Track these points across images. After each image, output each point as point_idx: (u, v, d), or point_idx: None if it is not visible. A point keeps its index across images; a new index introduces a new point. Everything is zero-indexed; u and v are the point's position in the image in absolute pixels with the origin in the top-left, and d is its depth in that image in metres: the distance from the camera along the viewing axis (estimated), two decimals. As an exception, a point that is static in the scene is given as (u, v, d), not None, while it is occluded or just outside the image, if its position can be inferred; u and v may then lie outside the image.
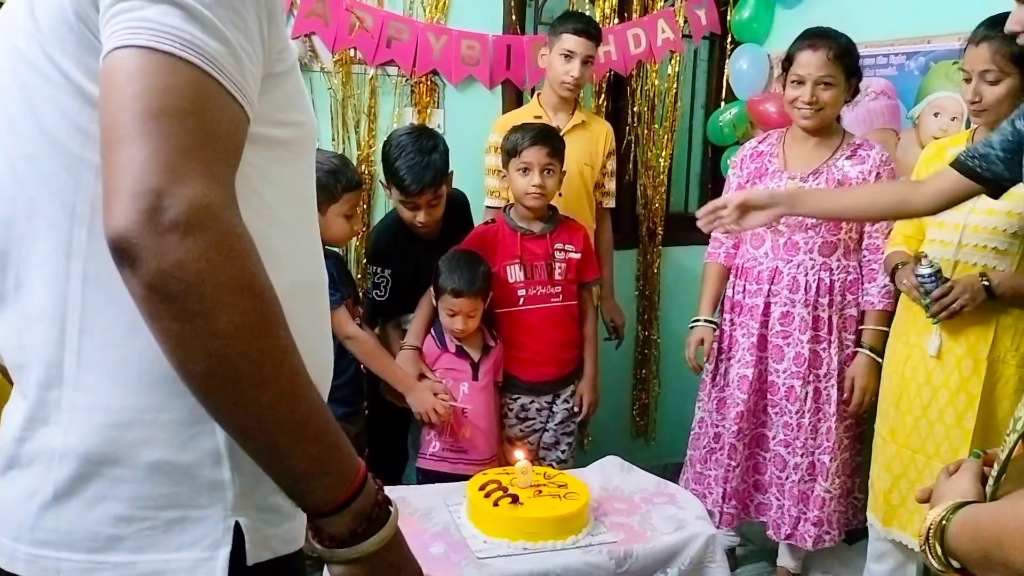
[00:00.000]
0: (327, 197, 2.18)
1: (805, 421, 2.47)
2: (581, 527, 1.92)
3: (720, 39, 3.37)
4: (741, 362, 2.54)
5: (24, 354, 0.82)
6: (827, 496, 2.48)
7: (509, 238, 2.46)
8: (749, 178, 2.56)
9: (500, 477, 2.01)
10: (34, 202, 0.79)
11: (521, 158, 2.37)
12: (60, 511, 0.78)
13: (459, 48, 2.83)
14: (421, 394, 2.34)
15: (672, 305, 3.38)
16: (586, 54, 2.62)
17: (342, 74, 2.70)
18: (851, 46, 2.38)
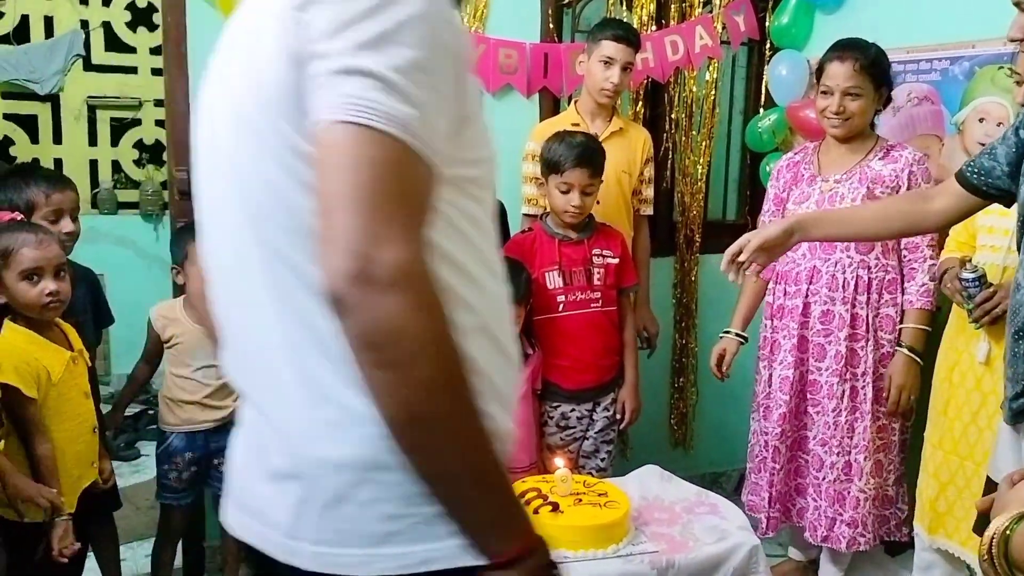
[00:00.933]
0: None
1: (842, 420, 2.46)
2: (622, 536, 1.91)
3: (759, 45, 3.34)
4: (783, 364, 2.54)
5: (265, 378, 0.95)
6: (861, 496, 2.46)
7: (547, 245, 2.46)
8: (785, 188, 2.59)
9: (540, 485, 2.01)
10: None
11: (563, 177, 2.37)
12: (338, 513, 0.89)
13: (497, 56, 2.84)
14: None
15: (710, 313, 3.35)
16: (625, 60, 2.61)
17: (381, 83, 2.72)
18: (880, 56, 2.39)
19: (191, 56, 2.51)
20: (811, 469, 2.55)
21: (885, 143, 2.48)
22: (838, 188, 2.44)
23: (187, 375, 2.39)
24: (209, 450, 2.45)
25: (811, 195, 2.49)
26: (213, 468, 2.48)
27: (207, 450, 2.45)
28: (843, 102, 2.37)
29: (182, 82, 2.53)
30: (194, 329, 2.37)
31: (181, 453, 2.42)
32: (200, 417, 2.41)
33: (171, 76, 2.55)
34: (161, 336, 2.40)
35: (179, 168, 2.58)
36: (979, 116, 2.57)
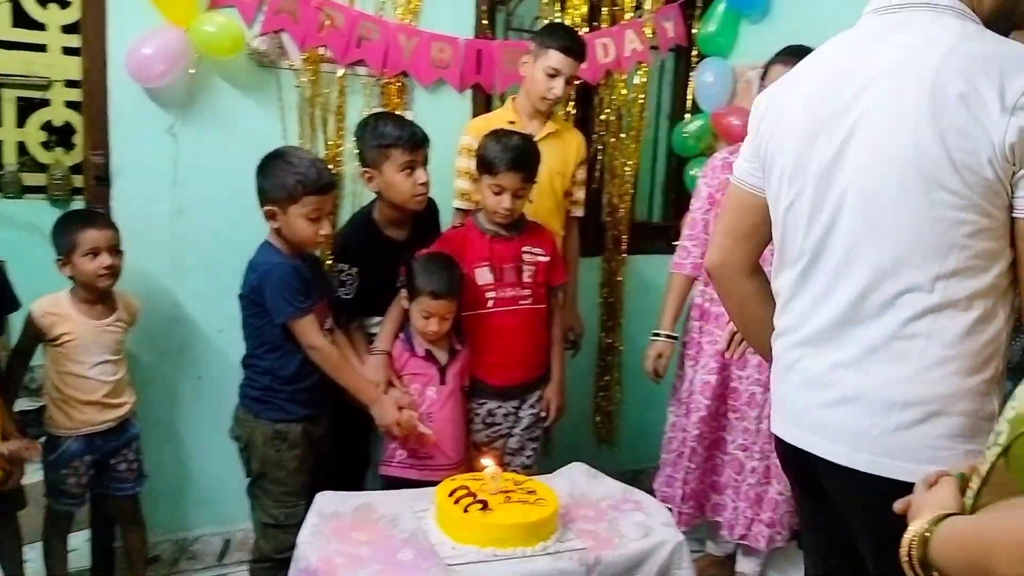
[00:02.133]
0: (288, 197, 2.16)
1: (764, 427, 2.52)
2: (550, 533, 1.91)
3: (686, 51, 3.41)
4: (705, 368, 2.59)
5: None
6: (779, 498, 2.54)
7: (478, 241, 2.45)
8: (719, 187, 2.60)
9: (469, 483, 2.00)
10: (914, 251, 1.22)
11: (496, 179, 2.35)
12: (901, 437, 1.24)
13: (430, 50, 2.82)
14: (384, 407, 2.31)
15: (635, 313, 3.40)
16: (571, 74, 2.61)
17: (311, 72, 2.67)
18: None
19: (111, 37, 2.41)
20: (730, 471, 2.61)
21: None
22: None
23: (82, 373, 2.25)
24: (107, 451, 2.34)
25: None
26: (110, 468, 2.37)
27: (105, 451, 2.33)
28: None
29: (100, 64, 2.43)
30: (87, 323, 2.25)
31: (79, 457, 2.28)
32: (99, 418, 2.29)
33: (89, 57, 2.44)
34: (47, 334, 2.22)
35: (95, 152, 2.47)
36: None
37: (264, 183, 2.22)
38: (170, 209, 2.56)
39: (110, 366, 2.30)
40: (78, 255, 2.21)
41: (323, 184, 2.21)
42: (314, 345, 2.23)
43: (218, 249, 2.62)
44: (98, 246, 2.22)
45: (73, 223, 2.25)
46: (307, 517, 1.96)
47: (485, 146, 2.39)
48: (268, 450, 2.26)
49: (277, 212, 2.20)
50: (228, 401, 2.43)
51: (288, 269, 2.20)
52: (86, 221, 2.26)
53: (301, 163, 2.19)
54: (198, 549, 2.78)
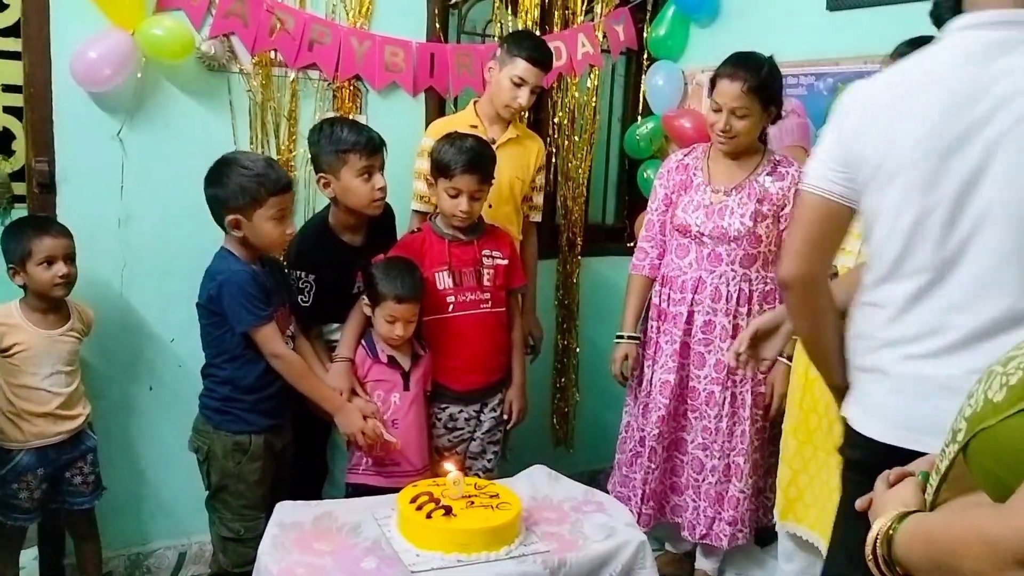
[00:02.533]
0: (251, 201, 2.12)
1: (723, 425, 2.55)
2: (514, 537, 1.91)
3: (637, 55, 3.44)
4: (664, 368, 2.61)
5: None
6: (741, 496, 2.58)
7: (437, 245, 2.44)
8: (674, 189, 2.64)
9: (431, 489, 1.99)
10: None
11: (452, 182, 2.34)
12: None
13: (382, 54, 2.80)
14: (349, 415, 2.29)
15: (591, 314, 3.42)
16: (536, 84, 2.61)
17: (262, 76, 2.63)
18: (770, 77, 2.45)
19: (54, 39, 2.34)
20: (690, 471, 2.63)
21: (772, 157, 2.58)
22: (727, 201, 2.52)
23: (34, 385, 2.19)
24: (61, 463, 2.28)
25: (701, 204, 2.55)
26: (65, 482, 2.31)
27: (58, 464, 2.27)
28: (730, 120, 2.44)
29: (43, 68, 2.37)
30: (40, 333, 2.19)
31: (32, 470, 2.21)
32: (52, 430, 2.23)
33: (31, 61, 2.38)
34: (1, 342, 2.17)
35: (39, 159, 2.40)
36: (841, 130, 2.73)
37: (219, 192, 2.15)
38: (118, 216, 2.50)
39: (63, 377, 2.24)
40: (32, 264, 2.15)
41: (284, 183, 2.18)
42: (276, 353, 2.19)
43: (169, 256, 2.57)
44: (54, 255, 2.17)
45: (27, 230, 2.19)
46: (267, 528, 1.92)
47: (439, 149, 2.38)
48: (228, 463, 2.20)
49: (241, 220, 2.14)
50: (182, 411, 2.38)
51: (247, 277, 2.16)
52: (42, 229, 2.20)
53: (257, 165, 2.14)
54: (152, 563, 2.72)
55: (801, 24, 2.91)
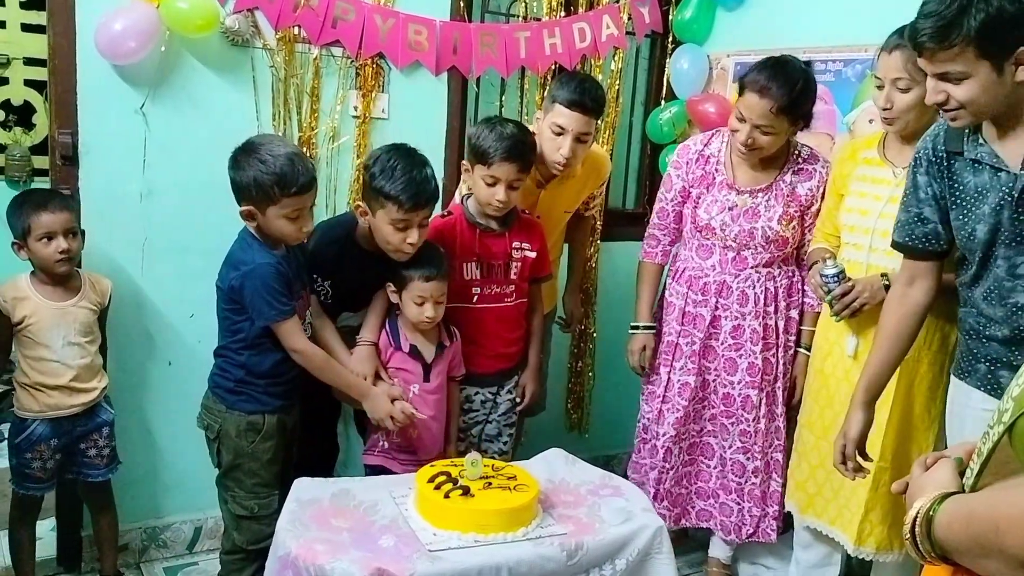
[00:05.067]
0: (265, 198, 2.06)
1: (761, 426, 2.53)
2: (531, 519, 1.92)
3: (662, 38, 3.41)
4: (684, 369, 2.57)
5: None
6: (779, 491, 2.58)
7: (468, 234, 2.39)
8: (693, 183, 2.54)
9: (449, 469, 1.99)
10: None
11: (490, 170, 2.27)
12: None
13: (406, 32, 2.78)
14: (377, 400, 2.24)
15: (609, 300, 3.40)
16: (580, 132, 2.37)
17: (285, 52, 2.61)
18: (802, 94, 2.30)
19: (79, 12, 2.33)
20: (730, 475, 2.60)
21: (798, 153, 2.49)
22: (753, 204, 2.45)
23: (48, 357, 2.20)
24: (75, 435, 2.29)
25: (725, 206, 2.47)
26: (80, 454, 2.32)
27: (73, 436, 2.29)
28: (753, 134, 2.32)
29: (68, 39, 2.35)
30: (49, 305, 2.20)
31: (46, 441, 2.23)
32: (67, 403, 2.24)
33: (55, 32, 2.36)
34: (12, 318, 2.17)
35: (62, 131, 2.39)
36: (868, 117, 2.68)
37: (238, 178, 2.09)
38: (139, 190, 2.50)
39: (78, 348, 2.25)
40: (33, 239, 2.15)
41: (302, 184, 2.07)
42: (297, 349, 2.14)
43: (189, 232, 2.57)
44: (53, 230, 2.15)
45: (27, 206, 2.17)
46: (285, 503, 1.93)
47: (478, 135, 2.30)
48: (242, 442, 2.19)
49: (255, 212, 2.09)
50: (200, 387, 2.38)
51: (271, 270, 2.09)
52: (40, 204, 2.17)
53: (277, 161, 2.03)
54: (168, 537, 2.74)
55: (829, 9, 2.86)
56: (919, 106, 2.04)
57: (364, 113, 2.78)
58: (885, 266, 2.16)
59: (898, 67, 2.05)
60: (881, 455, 2.19)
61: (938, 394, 2.17)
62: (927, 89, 1.70)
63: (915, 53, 1.99)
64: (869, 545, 2.25)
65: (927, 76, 1.85)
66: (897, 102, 2.07)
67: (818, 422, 2.35)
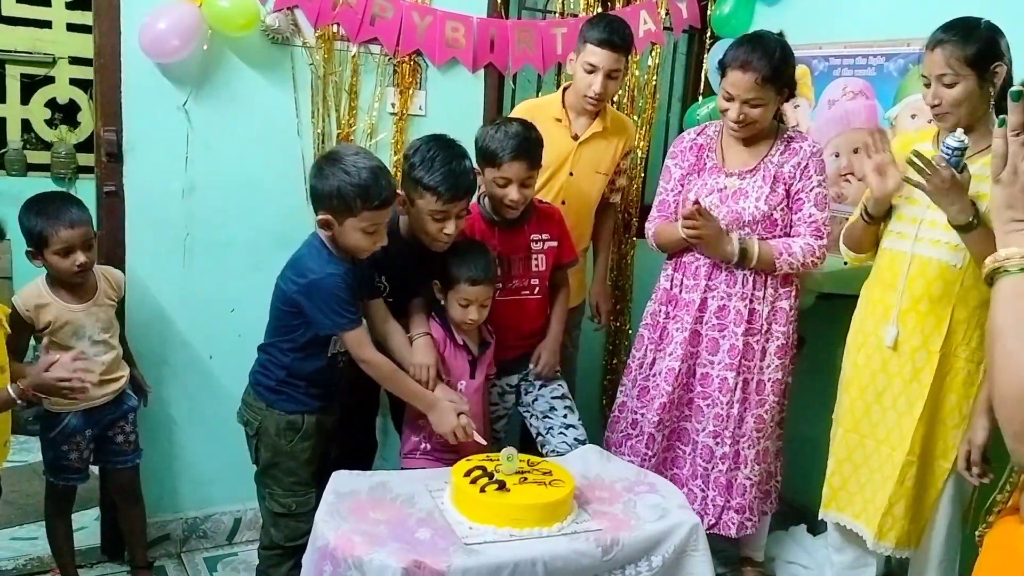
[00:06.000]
0: (344, 209, 2.02)
1: (734, 411, 2.50)
2: (566, 514, 1.92)
3: (700, 33, 3.39)
4: (671, 355, 2.54)
5: None
6: (747, 484, 2.53)
7: (486, 231, 2.40)
8: (689, 171, 2.56)
9: (484, 463, 2.00)
10: None
11: (500, 172, 2.28)
12: None
13: (443, 29, 2.79)
14: (443, 414, 2.19)
15: (643, 296, 3.34)
16: (611, 68, 2.51)
17: (324, 50, 2.64)
18: (783, 62, 2.34)
19: (124, 11, 2.38)
20: (699, 459, 2.56)
21: (785, 132, 2.50)
22: (742, 185, 2.45)
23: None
24: (105, 423, 2.35)
25: (714, 188, 2.48)
26: (109, 441, 2.38)
27: (103, 424, 2.35)
28: (744, 110, 2.35)
29: (113, 38, 2.40)
30: (71, 309, 2.22)
31: (80, 432, 2.29)
32: (98, 394, 2.28)
33: (101, 31, 2.41)
34: (36, 325, 2.19)
35: (107, 128, 2.44)
36: (911, 112, 2.66)
37: (319, 186, 2.05)
38: (182, 187, 2.54)
39: (103, 345, 2.29)
40: (50, 252, 2.14)
41: (384, 198, 2.04)
42: (364, 359, 2.13)
43: (231, 228, 2.61)
44: (72, 245, 2.14)
45: (44, 218, 2.14)
46: (324, 495, 1.95)
47: (485, 136, 2.31)
48: (280, 440, 2.20)
49: (332, 222, 2.05)
50: (241, 381, 2.41)
51: (339, 281, 2.06)
52: (58, 218, 2.13)
53: (361, 173, 2.01)
54: (209, 528, 2.78)
55: (870, 3, 2.83)
56: (969, 99, 2.03)
57: (401, 110, 2.80)
58: (931, 256, 2.14)
59: (941, 63, 2.04)
60: (911, 448, 2.17)
61: (972, 392, 2.15)
62: None
63: (958, 48, 1.99)
64: (889, 540, 2.22)
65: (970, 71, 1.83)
66: (945, 97, 2.06)
67: (848, 415, 2.33)
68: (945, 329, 2.13)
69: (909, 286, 2.17)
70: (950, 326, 2.13)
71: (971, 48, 2.00)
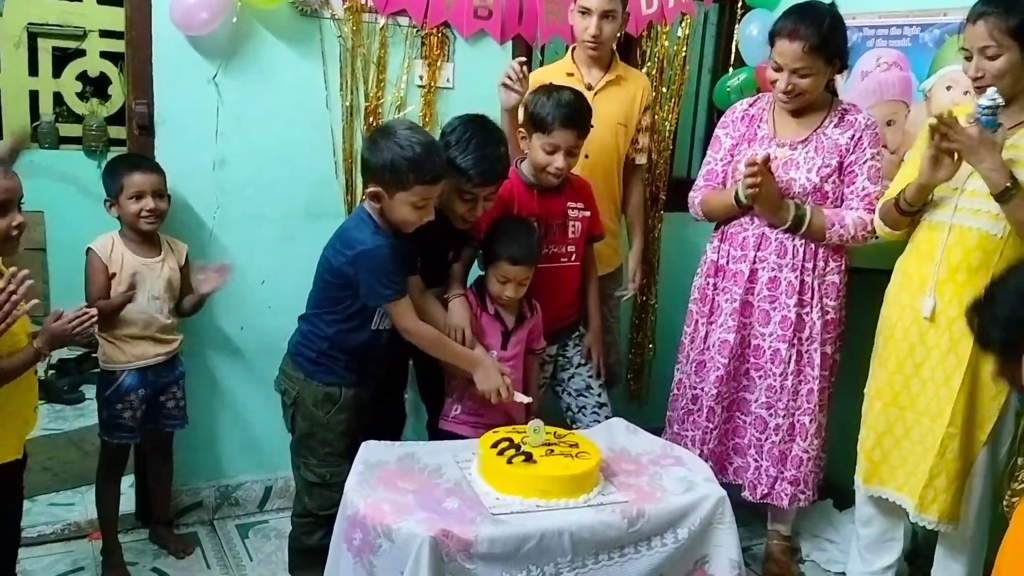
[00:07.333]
0: (396, 182, 2.04)
1: (788, 383, 2.50)
2: (592, 486, 1.93)
3: (731, 3, 3.34)
4: (723, 327, 2.55)
5: None
6: (804, 456, 2.54)
7: (526, 195, 2.41)
8: (739, 140, 2.56)
9: (512, 435, 2.01)
10: None
11: (549, 138, 2.29)
12: None
13: (471, 1, 2.78)
14: (488, 372, 2.21)
15: (671, 270, 3.37)
16: (603, 9, 2.54)
17: (352, 22, 2.64)
18: (832, 31, 2.31)
19: (155, -16, 2.39)
20: (752, 431, 2.59)
21: (840, 106, 2.48)
22: (793, 156, 2.44)
23: (135, 309, 2.33)
24: (158, 386, 2.42)
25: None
26: (160, 406, 2.45)
27: (156, 386, 2.41)
28: (792, 80, 2.34)
29: (143, 12, 2.41)
30: (137, 261, 2.33)
31: (135, 390, 2.36)
32: (152, 351, 2.38)
33: (132, 5, 2.43)
34: (109, 268, 2.31)
35: (138, 101, 2.47)
36: (947, 84, 2.61)
37: (372, 159, 2.07)
38: (213, 160, 2.57)
39: (158, 303, 2.38)
40: (124, 197, 2.30)
41: (436, 173, 2.06)
42: (408, 328, 2.15)
43: (260, 200, 2.64)
44: (143, 189, 2.30)
45: (120, 167, 2.33)
46: (353, 465, 1.98)
47: (535, 102, 2.32)
48: (318, 411, 2.23)
49: (381, 194, 2.07)
50: (270, 351, 2.45)
51: (386, 253, 2.08)
52: (133, 165, 2.34)
53: (415, 148, 2.02)
54: (240, 495, 2.84)
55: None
56: (1012, 71, 2.02)
57: (429, 82, 2.80)
58: (971, 226, 2.12)
59: (984, 35, 2.02)
60: (952, 420, 2.16)
61: None
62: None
63: (1000, 19, 1.96)
64: (931, 513, 2.21)
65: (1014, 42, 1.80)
66: (988, 69, 2.04)
67: (887, 388, 2.31)
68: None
69: (947, 256, 2.15)
70: None
71: (1014, 19, 1.98)
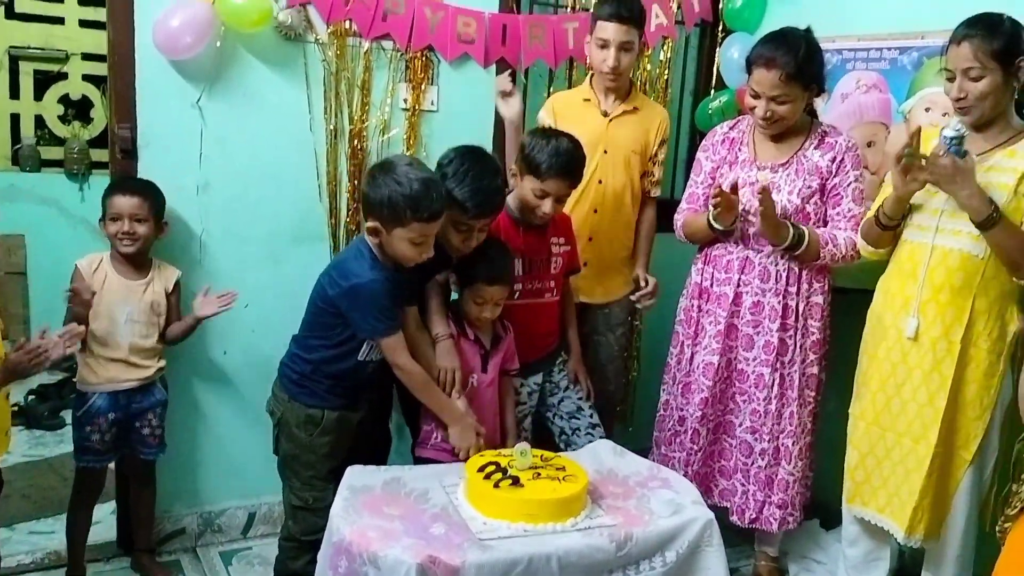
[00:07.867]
0: (394, 218, 2.04)
1: (772, 407, 2.52)
2: (580, 510, 1.93)
3: (712, 27, 3.37)
4: (707, 349, 2.57)
5: None
6: (790, 479, 2.54)
7: (512, 231, 2.41)
8: (720, 164, 2.59)
9: (498, 459, 2.01)
10: None
11: (541, 183, 2.29)
12: None
13: (455, 24, 2.79)
14: (465, 432, 2.22)
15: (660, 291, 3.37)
16: (620, 40, 2.55)
17: (336, 46, 2.65)
18: (808, 58, 2.34)
19: (138, 8, 2.39)
20: (738, 454, 2.59)
21: (820, 128, 2.50)
22: (775, 179, 2.46)
23: (111, 330, 2.32)
24: (131, 411, 2.39)
25: (747, 181, 2.48)
26: (134, 431, 2.41)
27: (128, 411, 2.38)
28: (770, 107, 2.36)
29: (126, 35, 2.41)
30: (119, 281, 2.34)
31: (104, 414, 2.34)
32: (123, 376, 2.35)
33: (115, 27, 2.42)
34: (91, 286, 2.31)
35: (121, 124, 2.46)
36: (925, 106, 2.64)
37: (371, 194, 2.07)
38: (196, 183, 2.55)
39: (139, 327, 2.36)
40: (106, 219, 2.34)
41: (435, 211, 2.05)
42: (400, 365, 2.15)
43: (245, 223, 2.62)
44: (120, 212, 2.31)
45: (109, 188, 2.37)
46: (339, 490, 1.96)
47: (533, 145, 2.32)
48: (300, 433, 2.21)
49: (380, 230, 2.08)
50: (254, 376, 2.44)
51: (382, 288, 2.08)
52: (116, 188, 2.36)
53: (413, 184, 2.02)
54: (223, 522, 2.80)
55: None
56: (994, 93, 2.06)
57: (414, 105, 2.80)
58: (952, 247, 2.14)
59: (968, 56, 2.05)
60: (938, 440, 2.17)
61: (993, 383, 2.16)
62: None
63: (985, 42, 1.99)
64: (919, 532, 2.22)
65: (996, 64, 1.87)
66: (971, 91, 2.07)
67: (869, 408, 2.32)
68: (966, 319, 2.14)
69: (930, 276, 2.17)
70: (971, 316, 2.14)
71: (998, 42, 2.02)
